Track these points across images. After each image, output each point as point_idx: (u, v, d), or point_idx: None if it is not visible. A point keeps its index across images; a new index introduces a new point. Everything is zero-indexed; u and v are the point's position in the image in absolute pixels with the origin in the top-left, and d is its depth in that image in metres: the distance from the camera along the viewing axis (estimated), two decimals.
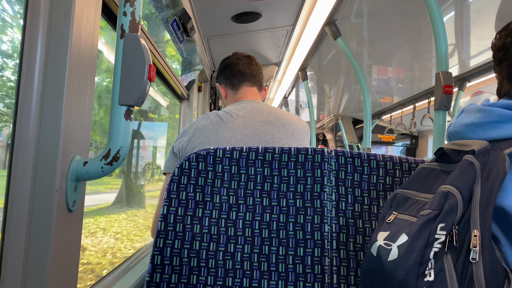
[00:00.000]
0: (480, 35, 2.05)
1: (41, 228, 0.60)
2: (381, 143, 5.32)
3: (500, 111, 0.65)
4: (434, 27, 1.28)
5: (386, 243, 0.67)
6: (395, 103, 3.75)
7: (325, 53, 2.74)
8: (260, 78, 1.43)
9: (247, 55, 1.43)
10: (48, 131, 0.62)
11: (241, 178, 0.95)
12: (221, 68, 1.44)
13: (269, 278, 0.91)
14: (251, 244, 0.92)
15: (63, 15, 0.64)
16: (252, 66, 1.40)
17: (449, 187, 0.59)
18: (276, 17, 2.04)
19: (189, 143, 1.20)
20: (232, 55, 1.44)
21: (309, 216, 0.93)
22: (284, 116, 1.28)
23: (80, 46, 0.67)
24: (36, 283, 0.59)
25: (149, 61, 0.65)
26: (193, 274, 0.90)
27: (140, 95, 0.65)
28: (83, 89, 0.69)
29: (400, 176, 0.94)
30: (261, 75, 1.43)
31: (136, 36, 0.65)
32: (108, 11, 1.12)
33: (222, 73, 1.43)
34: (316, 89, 4.01)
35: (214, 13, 1.91)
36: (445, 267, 0.54)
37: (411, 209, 0.69)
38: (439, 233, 0.56)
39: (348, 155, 0.95)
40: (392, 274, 0.61)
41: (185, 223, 0.92)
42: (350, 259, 0.91)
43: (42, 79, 0.62)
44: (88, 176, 0.66)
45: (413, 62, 2.65)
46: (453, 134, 0.74)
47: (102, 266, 1.70)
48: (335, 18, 2.10)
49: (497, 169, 0.57)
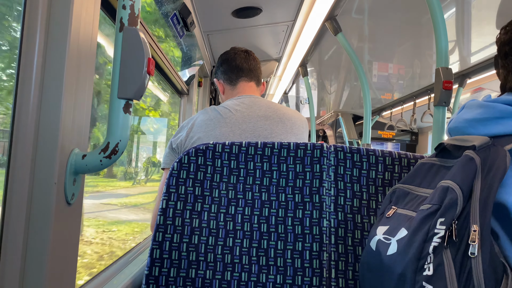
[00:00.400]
0: (481, 32, 2.04)
1: (40, 220, 0.60)
2: (381, 140, 5.32)
3: (501, 107, 0.65)
4: (434, 23, 1.28)
5: (385, 237, 0.67)
6: (395, 100, 3.74)
7: (325, 49, 2.73)
8: (258, 73, 1.42)
9: (245, 50, 1.42)
10: (47, 124, 0.62)
11: (240, 173, 0.95)
12: (218, 63, 1.43)
13: (268, 272, 0.91)
14: (250, 238, 0.92)
15: (62, 7, 0.63)
16: (249, 61, 1.39)
17: (449, 182, 0.59)
18: (277, 12, 2.03)
19: (188, 138, 1.20)
20: (230, 49, 1.43)
21: (308, 211, 0.93)
22: (283, 111, 1.28)
23: (79, 39, 0.66)
24: (34, 275, 0.59)
25: (148, 55, 0.65)
26: (192, 268, 0.90)
27: (139, 89, 0.65)
28: (82, 82, 0.68)
29: (399, 172, 0.94)
30: (259, 70, 1.43)
31: (135, 30, 0.65)
32: (107, 4, 1.11)
33: (219, 68, 1.42)
34: (316, 85, 4.00)
35: (214, 8, 1.90)
36: (444, 261, 0.54)
37: (411, 204, 0.69)
38: (438, 228, 0.56)
39: (347, 150, 0.95)
40: (391, 268, 0.61)
41: (184, 217, 0.92)
42: (349, 254, 0.91)
43: (40, 72, 0.62)
44: (87, 169, 0.66)
45: (414, 58, 2.64)
46: (454, 129, 0.74)
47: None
48: (335, 13, 2.09)
49: (497, 165, 0.57)
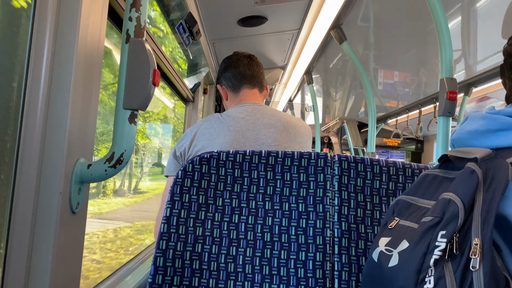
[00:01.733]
0: (487, 41, 2.04)
1: (45, 229, 0.61)
2: (386, 147, 5.30)
3: (504, 119, 0.64)
4: (439, 33, 1.28)
5: (387, 249, 0.66)
6: (400, 107, 3.73)
7: (330, 57, 2.74)
8: (261, 78, 1.41)
9: (248, 55, 1.41)
10: (53, 133, 0.62)
11: (244, 182, 0.95)
12: (221, 69, 1.42)
13: (271, 281, 0.91)
14: (253, 247, 0.92)
15: (69, 18, 0.65)
16: (252, 67, 1.38)
17: (451, 195, 0.59)
18: (282, 21, 2.05)
19: (191, 146, 1.20)
20: (233, 55, 1.42)
21: (311, 220, 0.93)
22: (287, 119, 1.27)
23: (86, 49, 0.67)
24: (39, 283, 0.60)
25: (153, 66, 0.66)
26: (195, 277, 0.90)
27: (144, 99, 0.65)
28: (88, 92, 0.69)
29: (403, 182, 0.94)
30: (262, 76, 1.41)
31: (141, 41, 0.66)
32: (114, 14, 1.13)
33: (222, 75, 1.41)
34: (321, 92, 4.01)
35: (220, 17, 1.92)
36: (445, 274, 0.54)
37: (413, 216, 0.69)
38: (439, 241, 0.56)
39: (351, 160, 0.95)
40: (392, 281, 0.61)
41: (188, 225, 0.92)
42: (352, 264, 0.91)
43: (48, 82, 0.63)
44: (92, 179, 0.67)
45: (420, 67, 2.64)
46: (457, 141, 0.74)
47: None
48: (341, 22, 2.10)
49: (499, 177, 0.56)
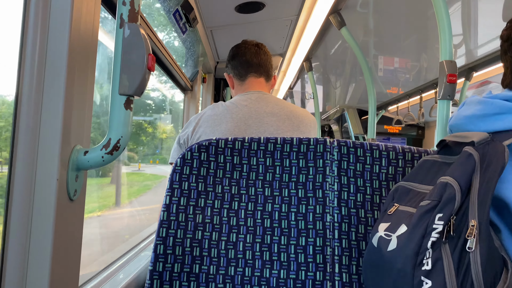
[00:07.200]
0: (488, 24, 2.02)
1: (42, 217, 0.61)
2: (387, 134, 5.28)
3: (500, 103, 0.65)
4: (438, 15, 1.26)
5: (386, 233, 0.67)
6: (401, 94, 3.71)
7: (330, 43, 2.71)
8: (269, 67, 1.41)
9: (256, 43, 1.41)
10: (49, 120, 0.62)
11: (243, 169, 0.95)
12: (229, 58, 1.42)
13: (271, 267, 0.91)
14: (253, 233, 0.92)
15: (62, 3, 0.64)
16: (260, 56, 1.38)
17: (448, 178, 0.60)
18: (280, 6, 2.02)
19: (194, 133, 1.21)
20: (241, 43, 1.42)
21: (311, 206, 0.93)
22: (290, 109, 1.28)
23: (80, 35, 0.67)
24: (37, 271, 0.60)
25: (148, 51, 0.65)
26: (196, 263, 0.91)
27: (140, 85, 0.65)
28: (83, 79, 0.69)
29: (403, 166, 0.94)
30: (269, 65, 1.41)
31: (136, 26, 0.65)
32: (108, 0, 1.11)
33: (230, 63, 1.41)
34: (321, 80, 3.98)
35: (217, 3, 1.89)
36: (442, 256, 0.54)
37: (412, 201, 0.70)
38: (437, 223, 0.56)
39: (351, 145, 0.95)
40: (391, 264, 0.61)
41: (187, 213, 0.92)
42: (352, 249, 0.91)
43: (41, 68, 0.62)
44: (89, 166, 0.67)
45: (420, 52, 2.62)
46: (455, 126, 0.75)
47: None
48: (339, 7, 2.08)
49: (496, 160, 0.57)
